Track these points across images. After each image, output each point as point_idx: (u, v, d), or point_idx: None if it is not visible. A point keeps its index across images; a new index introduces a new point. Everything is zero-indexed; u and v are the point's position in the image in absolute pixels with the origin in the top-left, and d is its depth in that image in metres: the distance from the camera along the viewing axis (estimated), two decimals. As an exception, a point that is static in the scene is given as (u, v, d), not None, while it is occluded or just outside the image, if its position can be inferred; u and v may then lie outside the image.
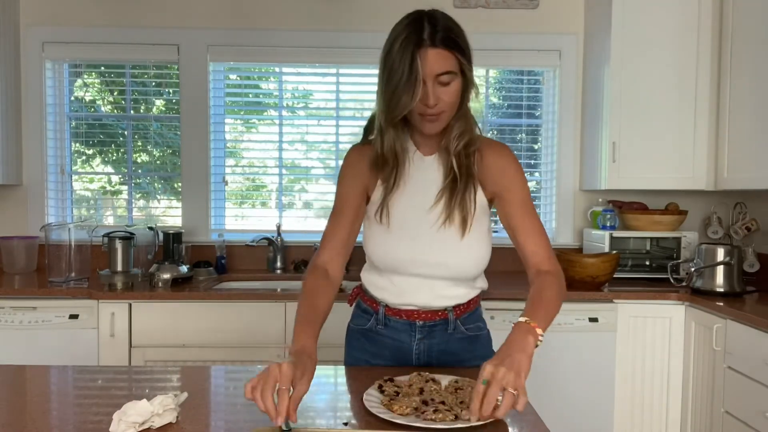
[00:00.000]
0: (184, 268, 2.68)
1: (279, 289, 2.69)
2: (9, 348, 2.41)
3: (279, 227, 3.04)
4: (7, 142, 2.90)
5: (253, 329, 2.43)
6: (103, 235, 2.62)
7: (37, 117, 3.05)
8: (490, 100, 3.28)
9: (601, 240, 2.85)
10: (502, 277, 2.67)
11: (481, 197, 1.37)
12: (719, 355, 2.27)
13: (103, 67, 3.18)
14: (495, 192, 1.37)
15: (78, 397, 1.21)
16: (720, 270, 2.48)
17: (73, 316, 2.42)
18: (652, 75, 2.76)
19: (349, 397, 1.24)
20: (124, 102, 3.18)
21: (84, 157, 3.23)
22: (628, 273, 2.84)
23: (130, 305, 2.43)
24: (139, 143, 3.21)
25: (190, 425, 1.04)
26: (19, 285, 2.55)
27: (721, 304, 2.27)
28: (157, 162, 3.21)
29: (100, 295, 2.43)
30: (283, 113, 3.21)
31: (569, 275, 2.56)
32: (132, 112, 3.17)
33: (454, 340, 1.43)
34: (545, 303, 1.22)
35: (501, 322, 2.41)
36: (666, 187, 2.81)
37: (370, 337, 1.46)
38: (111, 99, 3.23)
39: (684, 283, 2.63)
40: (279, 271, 3.00)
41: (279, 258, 3.01)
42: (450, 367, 1.38)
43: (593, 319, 2.48)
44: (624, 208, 2.95)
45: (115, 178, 3.24)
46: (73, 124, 3.17)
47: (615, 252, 2.64)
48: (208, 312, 2.44)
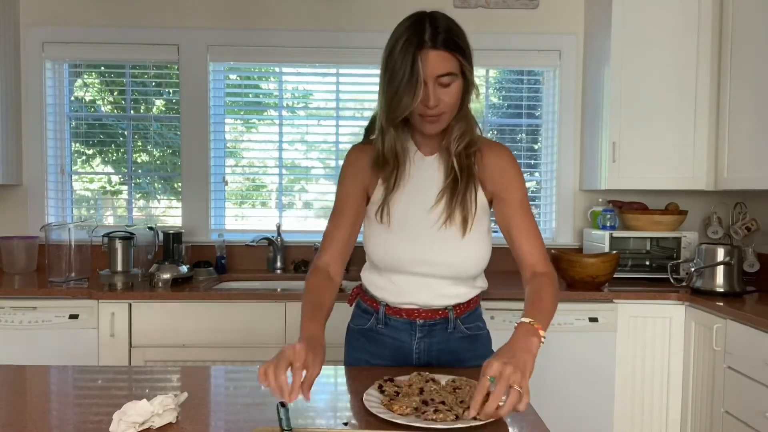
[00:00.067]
0: (184, 268, 2.68)
1: (279, 289, 2.69)
2: (9, 348, 2.41)
3: (279, 227, 3.04)
4: (7, 142, 2.90)
5: (253, 329, 2.44)
6: (103, 235, 2.62)
7: (37, 117, 3.05)
8: (490, 100, 3.28)
9: (601, 240, 2.85)
10: (502, 277, 2.67)
11: (481, 197, 1.38)
12: (719, 355, 2.27)
13: (103, 67, 3.18)
14: (494, 192, 1.38)
15: (78, 397, 1.21)
16: (720, 270, 2.48)
17: (73, 316, 2.42)
18: (652, 75, 2.76)
19: (349, 397, 1.24)
20: (124, 102, 3.18)
21: (84, 157, 3.23)
22: (628, 273, 2.84)
23: (130, 305, 2.43)
24: (139, 143, 3.21)
25: (190, 425, 1.04)
26: (19, 285, 2.55)
27: (721, 304, 2.27)
28: (157, 162, 3.21)
29: (100, 295, 2.43)
30: (283, 113, 3.21)
31: (569, 275, 2.57)
32: (132, 112, 3.17)
33: (455, 339, 1.43)
34: (545, 304, 1.23)
35: (501, 322, 2.41)
36: (666, 187, 2.81)
37: (370, 336, 1.46)
38: (111, 99, 3.23)
39: (684, 283, 2.63)
40: (279, 271, 3.00)
41: (279, 258, 3.01)
42: (450, 367, 1.38)
43: (593, 319, 2.48)
44: (624, 208, 2.95)
45: (115, 178, 3.24)
46: (73, 124, 3.17)
47: (615, 252, 2.64)
48: (208, 312, 2.44)
